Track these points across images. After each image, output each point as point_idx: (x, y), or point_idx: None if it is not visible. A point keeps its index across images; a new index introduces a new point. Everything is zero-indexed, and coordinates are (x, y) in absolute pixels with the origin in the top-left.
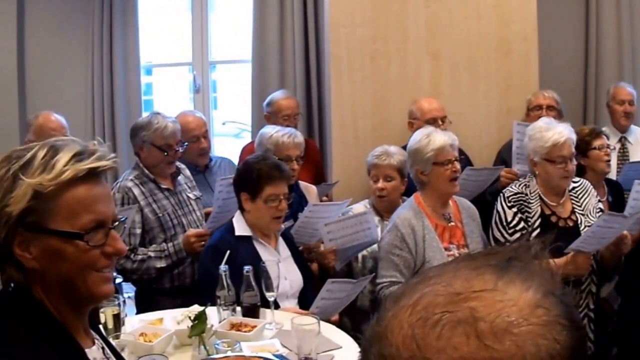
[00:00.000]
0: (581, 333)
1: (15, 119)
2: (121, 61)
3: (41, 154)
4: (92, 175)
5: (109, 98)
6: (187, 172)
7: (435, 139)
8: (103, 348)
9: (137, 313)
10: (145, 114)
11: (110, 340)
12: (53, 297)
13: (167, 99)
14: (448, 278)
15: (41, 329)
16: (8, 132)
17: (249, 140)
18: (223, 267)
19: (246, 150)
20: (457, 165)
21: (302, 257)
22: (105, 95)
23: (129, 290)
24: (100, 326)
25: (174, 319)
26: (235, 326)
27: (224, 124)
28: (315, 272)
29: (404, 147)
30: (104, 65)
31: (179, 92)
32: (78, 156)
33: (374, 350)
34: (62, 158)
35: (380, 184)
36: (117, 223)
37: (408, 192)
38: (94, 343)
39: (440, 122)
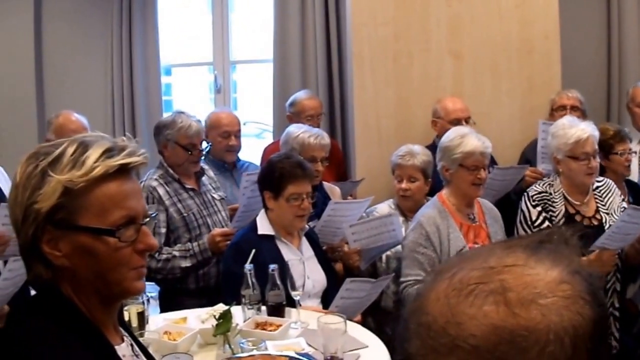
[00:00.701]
0: (603, 310)
1: (33, 120)
2: (141, 62)
3: (70, 150)
4: (123, 171)
5: (129, 99)
6: (211, 173)
7: (468, 142)
8: (132, 345)
9: (160, 313)
10: (165, 115)
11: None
12: (82, 295)
13: (186, 99)
14: (484, 256)
15: (71, 326)
16: (26, 133)
17: (269, 140)
18: (248, 265)
19: (269, 150)
20: (483, 174)
21: (325, 257)
22: (125, 96)
23: (152, 290)
24: None
25: (198, 318)
26: (260, 325)
27: (244, 124)
28: (340, 272)
29: (428, 147)
30: (124, 65)
31: (198, 92)
32: (108, 152)
33: (413, 319)
34: (93, 154)
35: (404, 185)
36: (147, 219)
37: (432, 193)
38: (122, 340)
39: (463, 123)
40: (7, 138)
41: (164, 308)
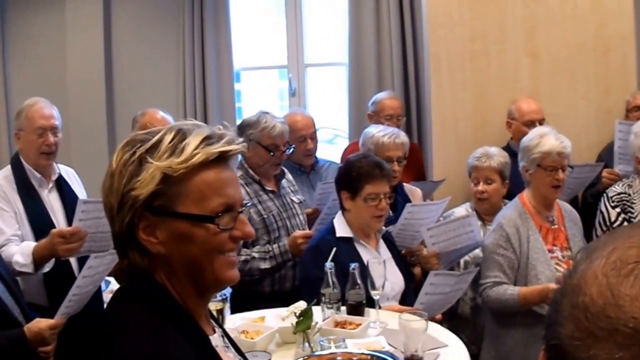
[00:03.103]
0: None
1: (103, 125)
2: (214, 66)
3: (169, 137)
4: (221, 159)
5: (202, 104)
6: (290, 177)
7: (546, 142)
8: (222, 336)
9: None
10: (238, 121)
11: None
12: (177, 283)
13: (256, 104)
14: (639, 234)
15: (167, 314)
16: (96, 138)
17: (342, 145)
18: (329, 264)
19: (348, 150)
20: (561, 175)
21: (403, 259)
22: (197, 101)
23: (224, 292)
24: None
25: (277, 316)
26: (339, 324)
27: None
28: (418, 275)
29: (504, 148)
30: (196, 71)
31: (268, 97)
32: (208, 140)
33: (566, 301)
34: (192, 141)
35: (481, 187)
36: (244, 208)
37: (510, 196)
38: (214, 331)
39: (537, 125)
40: (78, 142)
41: (236, 311)
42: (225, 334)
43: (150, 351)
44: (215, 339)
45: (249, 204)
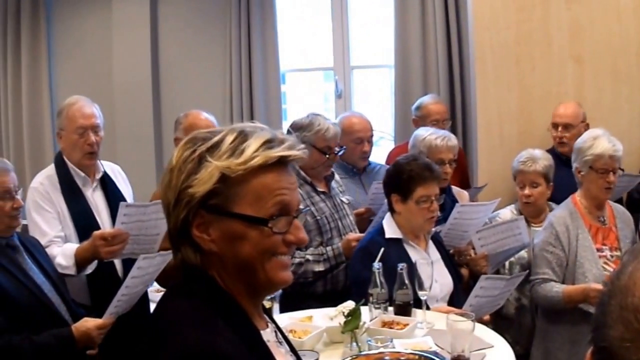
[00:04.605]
0: None
1: (149, 126)
2: (260, 68)
3: (230, 138)
4: (281, 163)
5: (248, 106)
6: (338, 177)
7: (599, 144)
8: (275, 332)
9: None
10: (284, 123)
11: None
12: (229, 281)
13: (301, 105)
14: None
15: (219, 308)
16: (142, 138)
17: (386, 147)
18: (377, 264)
19: (394, 153)
20: (612, 177)
21: (452, 260)
22: (244, 103)
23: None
24: None
25: (325, 316)
26: (387, 324)
27: None
28: (466, 276)
29: (549, 151)
30: (243, 73)
31: (312, 98)
32: (268, 143)
33: (614, 302)
34: (253, 144)
35: (527, 191)
36: (300, 213)
37: (554, 199)
38: (267, 326)
39: (560, 128)
40: (124, 143)
41: (289, 310)
42: (279, 329)
43: (201, 344)
44: (268, 334)
45: (305, 210)
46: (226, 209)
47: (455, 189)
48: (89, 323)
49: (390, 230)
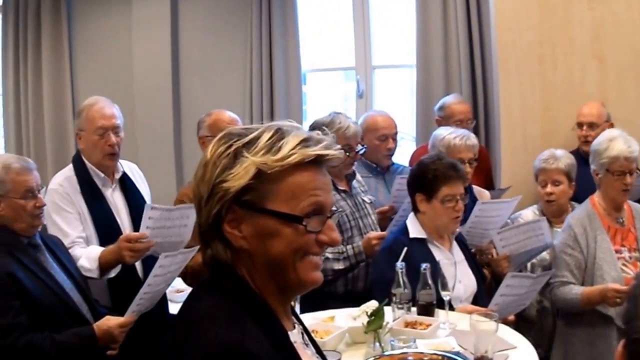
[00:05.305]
0: None
1: (169, 125)
2: (281, 68)
3: (267, 135)
4: (317, 162)
5: (269, 107)
6: (359, 177)
7: (614, 146)
8: (302, 333)
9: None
10: (305, 123)
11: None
12: (259, 279)
13: (321, 105)
14: None
15: (245, 306)
16: (162, 137)
17: (408, 148)
18: (400, 264)
19: (417, 154)
20: (629, 179)
21: (475, 261)
22: (264, 104)
23: None
24: None
25: (348, 316)
26: (410, 324)
27: None
28: (488, 279)
29: (573, 152)
30: (264, 73)
31: (332, 98)
32: (306, 142)
33: None
34: (290, 142)
35: (549, 189)
36: (333, 214)
37: (577, 200)
38: (294, 327)
39: (585, 128)
40: (144, 143)
41: (309, 311)
42: (306, 330)
43: (229, 342)
44: (294, 335)
45: (338, 211)
46: (260, 205)
47: (476, 189)
48: (110, 321)
49: (415, 230)
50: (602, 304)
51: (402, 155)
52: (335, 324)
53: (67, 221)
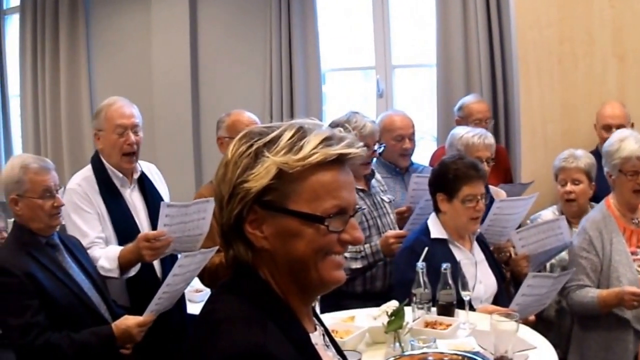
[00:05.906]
0: None
1: (188, 126)
2: (301, 68)
3: (288, 134)
4: (340, 161)
5: (288, 107)
6: (379, 176)
7: (626, 146)
8: (323, 335)
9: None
10: (324, 123)
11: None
12: (280, 280)
13: (340, 105)
14: None
15: (268, 308)
16: (181, 136)
17: (429, 147)
18: (420, 264)
19: (437, 154)
20: None
21: (496, 261)
22: (284, 104)
23: None
24: None
25: (368, 316)
26: (430, 324)
27: None
28: (507, 277)
29: (593, 152)
30: (283, 73)
31: (352, 98)
32: (327, 141)
33: None
34: (312, 141)
35: (568, 187)
36: (356, 213)
37: (596, 199)
38: (315, 329)
39: (614, 130)
40: (163, 143)
41: (327, 311)
42: (327, 332)
43: (251, 345)
44: (316, 337)
45: (361, 209)
46: (282, 206)
47: (493, 189)
48: (129, 321)
49: (436, 230)
50: (619, 307)
51: (423, 156)
52: (355, 323)
53: (86, 221)
